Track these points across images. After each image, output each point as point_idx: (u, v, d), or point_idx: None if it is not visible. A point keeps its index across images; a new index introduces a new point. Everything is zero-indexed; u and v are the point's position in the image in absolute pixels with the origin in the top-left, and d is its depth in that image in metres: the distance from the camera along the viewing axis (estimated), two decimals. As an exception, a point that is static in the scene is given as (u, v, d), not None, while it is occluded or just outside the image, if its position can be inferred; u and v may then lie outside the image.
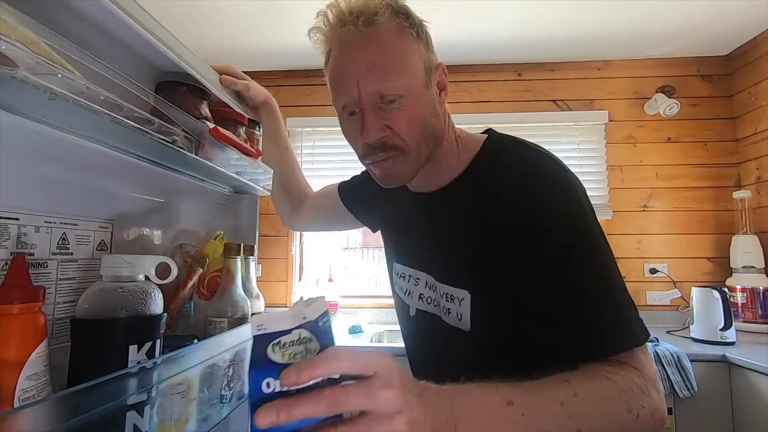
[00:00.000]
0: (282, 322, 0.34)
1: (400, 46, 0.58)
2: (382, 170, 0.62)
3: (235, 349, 0.68)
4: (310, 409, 0.31)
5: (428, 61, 0.61)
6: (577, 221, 0.56)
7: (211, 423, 0.61)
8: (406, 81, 0.57)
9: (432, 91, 0.62)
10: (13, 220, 0.48)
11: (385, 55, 0.57)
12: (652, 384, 0.50)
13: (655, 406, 0.49)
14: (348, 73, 0.58)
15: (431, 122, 0.61)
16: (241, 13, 1.96)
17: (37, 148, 0.51)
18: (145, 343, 0.49)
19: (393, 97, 0.57)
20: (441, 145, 0.65)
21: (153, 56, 0.57)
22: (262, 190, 0.89)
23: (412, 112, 0.58)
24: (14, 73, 0.35)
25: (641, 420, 0.47)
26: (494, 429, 0.40)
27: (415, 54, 0.59)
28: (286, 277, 2.43)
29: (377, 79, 0.56)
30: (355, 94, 0.58)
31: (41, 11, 0.42)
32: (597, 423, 0.45)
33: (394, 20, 0.58)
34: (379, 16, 0.56)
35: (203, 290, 0.75)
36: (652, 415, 0.48)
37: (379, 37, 0.56)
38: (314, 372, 0.32)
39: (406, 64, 0.58)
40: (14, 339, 0.41)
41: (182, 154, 0.56)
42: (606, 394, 0.47)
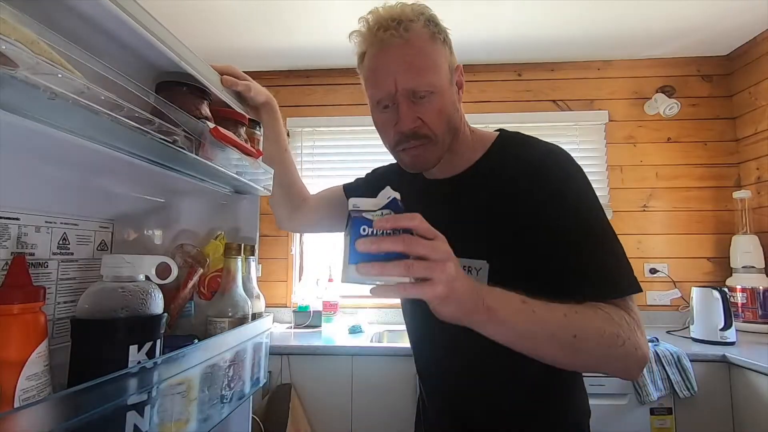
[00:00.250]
0: (370, 204, 0.49)
1: (431, 50, 0.66)
2: (412, 156, 0.70)
3: (236, 349, 0.67)
4: (391, 246, 0.45)
5: (451, 62, 0.71)
6: (582, 189, 0.66)
7: (212, 423, 0.61)
8: (436, 79, 0.66)
9: (454, 88, 0.72)
10: (13, 220, 0.48)
11: (419, 57, 0.65)
12: (638, 327, 0.59)
13: (639, 342, 0.57)
14: (386, 71, 0.65)
15: (453, 116, 0.70)
16: (240, 13, 1.96)
17: (37, 148, 0.51)
18: (146, 343, 0.49)
19: (424, 93, 0.65)
20: (458, 136, 0.74)
21: (153, 56, 0.57)
22: (263, 190, 0.89)
23: (440, 106, 0.67)
24: (14, 72, 0.35)
25: (626, 348, 0.56)
26: (509, 313, 0.51)
27: (442, 56, 0.68)
28: (286, 277, 2.43)
29: (412, 77, 0.64)
30: (391, 89, 0.65)
31: (41, 11, 0.42)
32: (590, 335, 0.54)
33: (427, 27, 0.66)
34: (415, 22, 0.65)
35: (204, 290, 0.75)
36: (636, 348, 0.56)
37: (414, 40, 0.64)
38: (398, 222, 0.46)
39: (435, 65, 0.66)
40: (14, 339, 0.41)
41: (183, 154, 0.56)
42: (600, 319, 0.56)
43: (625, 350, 0.55)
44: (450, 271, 0.45)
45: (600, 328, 0.55)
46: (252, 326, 0.74)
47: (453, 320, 0.49)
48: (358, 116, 2.42)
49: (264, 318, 0.81)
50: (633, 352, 0.56)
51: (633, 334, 0.57)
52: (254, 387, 0.78)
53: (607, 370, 0.59)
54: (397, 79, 0.64)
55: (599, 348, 0.55)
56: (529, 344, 0.53)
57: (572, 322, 0.54)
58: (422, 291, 0.45)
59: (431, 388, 0.83)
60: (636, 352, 0.56)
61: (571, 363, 0.58)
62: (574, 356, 0.55)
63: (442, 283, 0.45)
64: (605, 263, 0.63)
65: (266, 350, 0.84)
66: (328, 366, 1.77)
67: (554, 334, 0.53)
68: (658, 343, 1.73)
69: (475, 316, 0.49)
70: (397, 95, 0.65)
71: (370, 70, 0.68)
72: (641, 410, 1.58)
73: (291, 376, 1.76)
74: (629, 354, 0.56)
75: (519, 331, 0.52)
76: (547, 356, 0.55)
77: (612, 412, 1.59)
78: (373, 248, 0.44)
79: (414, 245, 0.45)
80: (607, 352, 0.55)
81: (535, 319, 0.52)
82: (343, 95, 2.49)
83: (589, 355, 0.55)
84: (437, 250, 0.46)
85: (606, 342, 0.55)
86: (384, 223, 0.46)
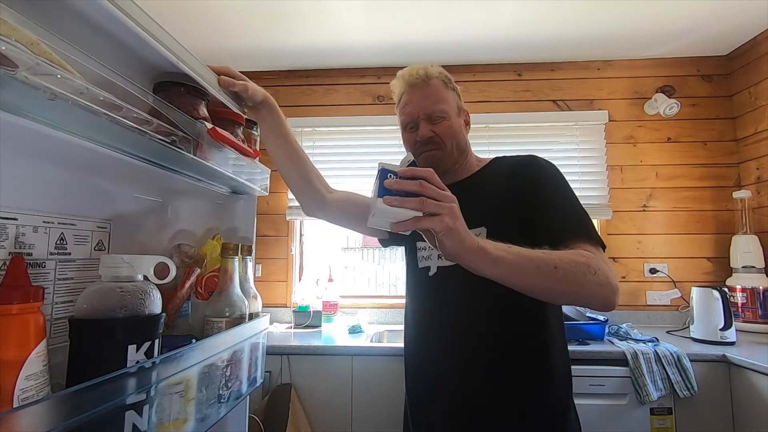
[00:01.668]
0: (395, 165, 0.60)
1: (445, 92, 0.95)
2: (427, 155, 0.93)
3: (233, 349, 0.68)
4: (410, 186, 0.56)
5: (459, 105, 0.98)
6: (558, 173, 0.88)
7: (209, 423, 0.61)
8: (446, 109, 0.93)
9: (460, 121, 0.98)
10: (11, 220, 0.48)
11: (435, 94, 0.94)
12: (607, 264, 0.71)
13: (609, 277, 0.69)
14: (412, 103, 0.94)
15: (459, 137, 0.95)
16: (240, 13, 1.96)
17: (35, 148, 0.51)
18: (144, 343, 0.49)
19: (437, 117, 0.92)
20: (465, 156, 0.99)
21: (151, 57, 0.57)
22: (260, 190, 0.89)
23: (449, 126, 0.93)
24: (14, 73, 0.35)
25: (598, 277, 0.67)
26: (499, 252, 0.61)
27: (453, 99, 0.97)
28: (286, 277, 2.43)
29: (429, 105, 0.92)
30: (415, 114, 0.93)
31: (41, 12, 0.42)
32: (567, 265, 0.66)
33: (442, 79, 0.96)
34: (434, 76, 0.95)
35: (201, 290, 0.75)
36: (606, 281, 0.68)
37: (433, 84, 0.94)
38: (416, 172, 0.58)
39: (446, 101, 0.94)
40: (13, 339, 0.41)
41: (180, 154, 0.56)
42: (573, 254, 0.69)
43: (598, 279, 0.67)
44: (455, 211, 0.57)
45: (574, 260, 0.67)
46: (249, 326, 0.74)
47: (453, 255, 0.58)
48: (358, 116, 2.42)
49: (261, 318, 0.81)
50: (606, 281, 0.68)
51: (602, 266, 0.69)
52: (251, 387, 0.78)
53: (589, 297, 0.68)
54: (419, 107, 0.93)
55: (576, 275, 0.66)
56: (519, 276, 0.63)
57: (551, 256, 0.66)
58: (432, 222, 0.55)
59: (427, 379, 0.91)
60: (609, 281, 0.68)
61: (558, 290, 0.67)
62: (558, 283, 0.65)
63: (448, 216, 0.56)
64: (581, 220, 0.80)
65: (263, 350, 0.84)
66: (328, 366, 1.77)
67: (539, 267, 0.63)
68: (658, 343, 1.73)
69: (471, 254, 0.58)
70: (418, 118, 0.93)
71: (403, 104, 0.96)
72: (641, 410, 1.58)
73: (291, 376, 1.76)
74: (602, 283, 0.67)
75: (509, 266, 0.62)
76: (536, 287, 0.65)
77: (612, 412, 1.59)
78: (395, 186, 0.56)
79: (427, 188, 0.56)
80: (583, 279, 0.66)
81: (520, 256, 0.63)
82: (343, 95, 2.49)
83: (570, 282, 0.65)
84: (445, 196, 0.57)
85: (581, 270, 0.66)
86: (406, 171, 0.58)
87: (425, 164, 0.91)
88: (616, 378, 1.60)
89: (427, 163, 0.93)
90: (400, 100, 0.98)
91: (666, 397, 1.57)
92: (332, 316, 2.15)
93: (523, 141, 2.39)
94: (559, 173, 0.88)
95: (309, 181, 1.01)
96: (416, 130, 0.94)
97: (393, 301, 2.40)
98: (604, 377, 1.59)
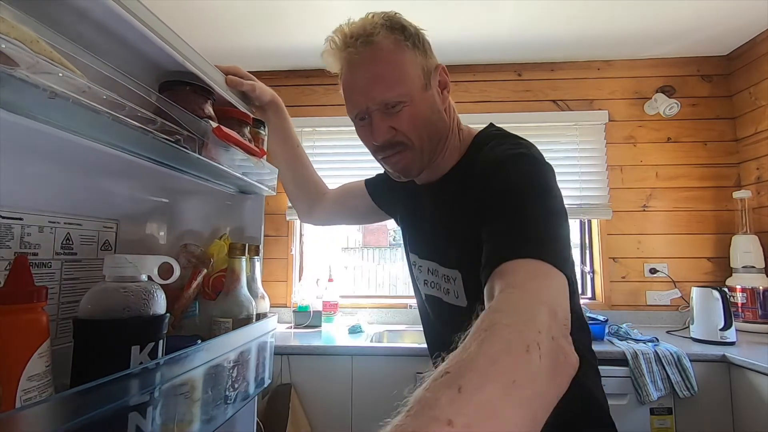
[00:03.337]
0: None
1: (397, 58, 0.66)
2: (391, 164, 0.72)
3: (240, 350, 0.67)
4: None
5: (426, 65, 0.69)
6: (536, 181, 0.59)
7: (216, 424, 0.61)
8: (405, 88, 0.65)
9: (432, 92, 0.69)
10: (16, 220, 0.48)
11: (384, 69, 0.65)
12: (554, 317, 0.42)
13: (561, 345, 0.41)
14: (355, 88, 0.67)
15: (433, 120, 0.69)
16: (240, 13, 1.95)
17: (41, 148, 0.51)
18: (148, 344, 0.48)
19: (394, 103, 0.65)
20: (447, 139, 0.74)
21: (157, 55, 0.57)
22: (268, 189, 0.89)
23: (413, 113, 0.67)
24: (14, 71, 0.35)
25: (544, 350, 0.37)
26: None
27: (412, 62, 0.67)
28: (286, 277, 2.43)
29: (379, 90, 0.65)
30: (362, 105, 0.67)
31: (43, 11, 0.42)
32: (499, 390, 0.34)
33: (390, 36, 0.66)
34: (375, 35, 0.65)
35: (208, 290, 0.74)
36: (556, 360, 0.39)
37: (377, 53, 0.65)
38: None
39: (403, 73, 0.66)
40: (16, 339, 0.40)
41: (185, 153, 0.56)
42: (498, 350, 0.36)
43: (545, 356, 0.37)
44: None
45: (503, 371, 0.35)
46: (256, 326, 0.74)
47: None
48: (358, 116, 2.42)
49: (269, 318, 0.80)
50: (561, 361, 0.40)
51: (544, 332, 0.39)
52: (259, 387, 0.78)
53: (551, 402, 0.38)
54: (366, 94, 0.66)
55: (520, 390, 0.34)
56: None
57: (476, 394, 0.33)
58: None
59: None
60: (560, 357, 0.40)
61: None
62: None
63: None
64: (530, 237, 0.52)
65: (271, 351, 0.84)
66: (328, 366, 1.76)
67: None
68: (658, 343, 1.73)
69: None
70: (368, 109, 0.67)
71: (344, 88, 0.70)
72: (641, 410, 1.58)
73: (291, 376, 1.76)
74: (557, 365, 0.39)
75: None
76: None
77: (612, 412, 1.58)
78: None
79: None
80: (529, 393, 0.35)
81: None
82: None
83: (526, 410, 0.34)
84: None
85: (526, 375, 0.35)
86: None
87: (395, 173, 0.73)
88: (616, 378, 1.60)
89: (396, 171, 0.72)
90: (340, 77, 0.71)
91: (666, 397, 1.58)
92: (332, 316, 2.15)
93: (524, 141, 2.39)
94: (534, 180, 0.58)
95: (301, 187, 1.01)
96: (368, 123, 0.68)
97: (393, 301, 2.40)
98: (604, 377, 1.56)
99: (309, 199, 1.02)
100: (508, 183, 0.58)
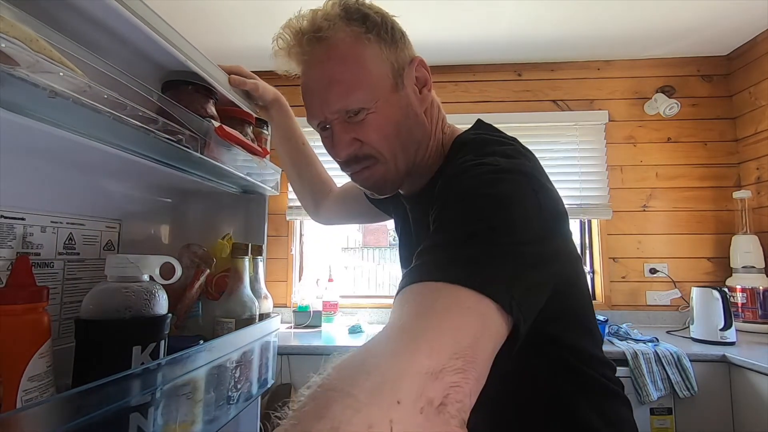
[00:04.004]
0: None
1: (356, 56, 0.54)
2: (362, 180, 0.61)
3: (243, 350, 0.67)
4: None
5: (396, 61, 0.57)
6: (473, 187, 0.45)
7: (218, 424, 0.60)
8: (368, 92, 0.54)
9: (404, 92, 0.58)
10: (18, 220, 0.48)
11: (339, 70, 0.54)
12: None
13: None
14: (311, 94, 0.57)
15: (406, 125, 0.58)
16: (241, 13, 1.95)
17: (43, 148, 0.51)
18: (149, 344, 0.48)
19: (357, 110, 0.55)
20: (428, 144, 0.62)
21: (159, 55, 0.57)
22: (271, 189, 0.88)
23: (380, 121, 0.56)
24: (14, 71, 0.35)
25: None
26: None
27: (376, 59, 0.55)
28: (286, 277, 2.43)
29: (336, 96, 0.54)
30: (319, 114, 0.57)
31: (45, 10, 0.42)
32: None
33: (346, 29, 0.54)
34: (326, 30, 0.53)
35: (211, 290, 0.74)
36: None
37: (331, 52, 0.54)
38: None
39: (365, 73, 0.54)
40: (17, 339, 0.40)
41: (188, 153, 0.56)
42: None
43: None
44: None
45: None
46: (259, 327, 0.73)
47: None
48: (358, 116, 2.42)
49: (272, 318, 0.80)
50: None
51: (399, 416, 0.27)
52: (262, 388, 0.78)
53: None
54: (322, 102, 0.55)
55: None
56: None
57: None
58: None
59: None
60: None
61: None
62: None
63: None
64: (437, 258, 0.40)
65: (274, 351, 0.84)
66: (329, 366, 1.76)
67: None
68: (658, 343, 1.73)
69: None
70: (326, 119, 0.57)
71: (302, 93, 0.59)
72: (641, 410, 1.58)
73: (291, 376, 1.76)
74: None
75: None
76: None
77: (612, 412, 1.59)
78: None
79: None
80: None
81: None
82: (343, 95, 2.48)
83: None
84: None
85: None
86: None
87: (367, 189, 0.64)
88: (617, 378, 1.60)
89: (368, 187, 0.62)
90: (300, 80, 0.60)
91: (666, 397, 1.58)
92: (332, 316, 2.14)
93: (523, 141, 2.30)
94: (483, 190, 0.44)
95: (307, 185, 0.99)
96: (330, 132, 0.58)
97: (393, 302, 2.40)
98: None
99: (315, 198, 1.00)
100: (449, 196, 0.47)
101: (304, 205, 1.04)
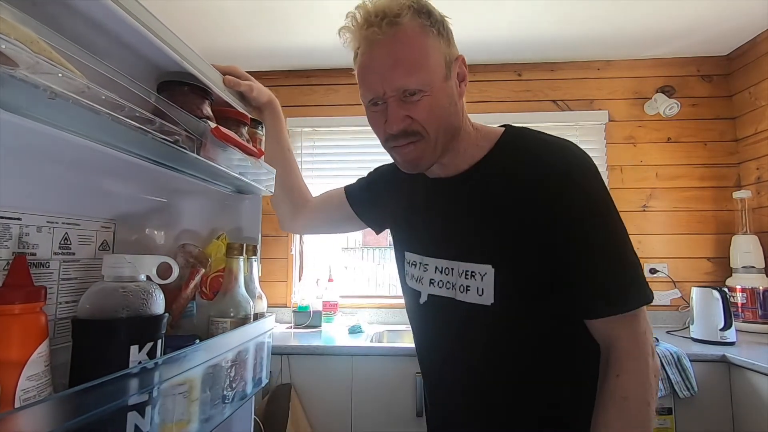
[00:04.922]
0: None
1: (421, 44, 0.62)
2: (403, 155, 0.68)
3: (238, 350, 0.67)
4: None
5: (448, 55, 0.66)
6: (601, 199, 0.64)
7: (214, 423, 0.61)
8: (426, 76, 0.62)
9: (451, 83, 0.67)
10: (14, 220, 0.48)
11: (406, 53, 0.62)
12: (647, 365, 0.61)
13: (653, 393, 0.60)
14: (373, 71, 0.64)
15: (449, 112, 0.66)
16: (240, 12, 1.95)
17: (39, 148, 0.51)
18: (147, 344, 0.49)
19: (414, 91, 0.62)
20: (458, 134, 0.70)
21: (155, 55, 0.57)
22: (265, 190, 0.89)
23: (432, 104, 0.63)
24: (14, 72, 0.35)
25: (651, 410, 0.59)
26: None
27: (436, 50, 0.64)
28: (286, 277, 2.43)
29: (399, 75, 0.61)
30: (379, 89, 0.63)
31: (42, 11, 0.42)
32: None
33: (416, 20, 0.62)
34: (402, 17, 0.61)
35: (206, 290, 0.75)
36: (651, 403, 0.59)
37: (401, 36, 0.61)
38: None
39: (426, 60, 0.62)
40: (15, 339, 0.41)
41: (184, 153, 0.56)
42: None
43: (656, 396, 0.61)
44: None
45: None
46: (254, 326, 0.74)
47: None
48: (358, 116, 2.42)
49: (266, 318, 0.81)
50: (652, 412, 0.60)
51: (649, 389, 0.60)
52: (256, 387, 0.78)
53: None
54: (384, 79, 0.62)
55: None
56: None
57: None
58: None
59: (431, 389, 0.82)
60: (651, 409, 0.60)
61: None
62: None
63: None
64: (622, 280, 0.63)
65: (268, 350, 0.84)
66: (328, 366, 1.76)
67: None
68: (658, 343, 1.73)
69: None
70: (385, 95, 0.63)
71: (360, 69, 0.67)
72: (641, 410, 1.58)
73: (291, 376, 1.76)
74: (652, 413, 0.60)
75: None
76: None
77: (612, 412, 1.58)
78: None
79: None
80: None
81: None
82: (343, 95, 2.48)
83: None
84: None
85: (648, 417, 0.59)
86: None
87: (404, 165, 0.70)
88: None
89: (407, 162, 0.69)
90: (356, 56, 0.68)
91: (666, 397, 1.57)
92: (332, 316, 2.15)
93: (523, 141, 2.38)
94: (600, 198, 0.64)
95: (287, 191, 0.98)
96: (383, 108, 0.65)
97: (393, 301, 2.40)
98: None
99: (293, 205, 1.00)
100: (588, 208, 0.63)
101: (279, 212, 1.03)
